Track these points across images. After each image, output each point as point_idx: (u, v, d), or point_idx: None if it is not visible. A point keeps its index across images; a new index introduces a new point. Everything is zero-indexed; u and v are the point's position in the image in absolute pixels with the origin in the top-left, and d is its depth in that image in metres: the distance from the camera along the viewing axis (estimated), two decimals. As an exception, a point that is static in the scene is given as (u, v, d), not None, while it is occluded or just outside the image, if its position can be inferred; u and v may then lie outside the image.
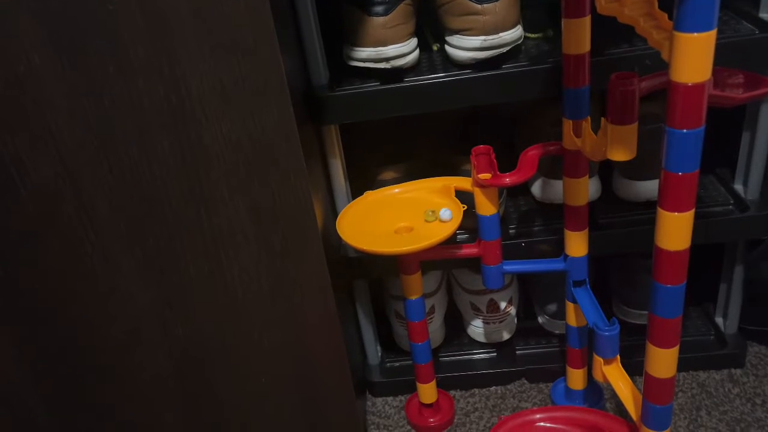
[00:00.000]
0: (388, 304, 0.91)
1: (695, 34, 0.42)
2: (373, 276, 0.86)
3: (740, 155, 0.77)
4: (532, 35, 0.76)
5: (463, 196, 0.72)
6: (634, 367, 0.71)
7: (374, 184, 0.80)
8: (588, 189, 0.69)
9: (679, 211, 0.48)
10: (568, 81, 0.63)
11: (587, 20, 0.60)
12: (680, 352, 0.57)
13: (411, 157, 0.82)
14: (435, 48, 0.77)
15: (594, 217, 0.78)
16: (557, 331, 0.91)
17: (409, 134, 0.86)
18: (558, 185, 0.78)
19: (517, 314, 0.92)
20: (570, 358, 0.80)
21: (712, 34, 0.43)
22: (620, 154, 0.54)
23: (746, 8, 0.72)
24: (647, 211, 0.79)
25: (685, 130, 0.45)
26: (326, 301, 0.65)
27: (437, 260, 0.79)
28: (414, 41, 0.72)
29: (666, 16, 0.48)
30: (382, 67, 0.70)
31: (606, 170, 0.82)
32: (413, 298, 0.77)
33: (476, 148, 0.68)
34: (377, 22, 0.68)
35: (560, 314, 0.88)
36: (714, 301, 0.90)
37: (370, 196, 0.76)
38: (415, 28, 0.72)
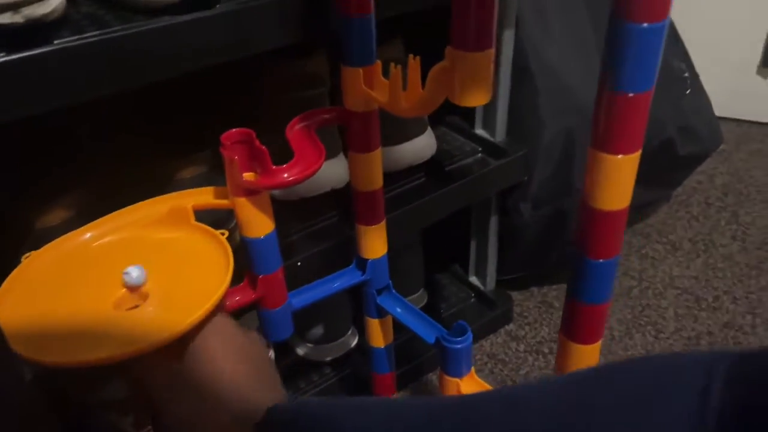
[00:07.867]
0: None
1: None
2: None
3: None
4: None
5: (212, 216, 0.45)
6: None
7: (33, 237, 0.46)
8: (381, 166, 0.50)
9: (624, 154, 0.33)
10: (347, 7, 0.42)
11: None
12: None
13: (90, 179, 0.50)
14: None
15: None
16: (329, 359, 0.71)
17: (78, 143, 0.53)
18: (326, 168, 0.56)
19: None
20: (378, 385, 0.62)
21: None
22: (475, 96, 0.37)
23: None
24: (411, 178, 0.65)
25: (645, 24, 0.30)
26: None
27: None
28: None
29: None
30: (7, 22, 0.38)
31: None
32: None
33: (228, 135, 0.42)
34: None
35: (331, 335, 0.69)
36: (464, 262, 0.82)
37: (36, 258, 0.42)
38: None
